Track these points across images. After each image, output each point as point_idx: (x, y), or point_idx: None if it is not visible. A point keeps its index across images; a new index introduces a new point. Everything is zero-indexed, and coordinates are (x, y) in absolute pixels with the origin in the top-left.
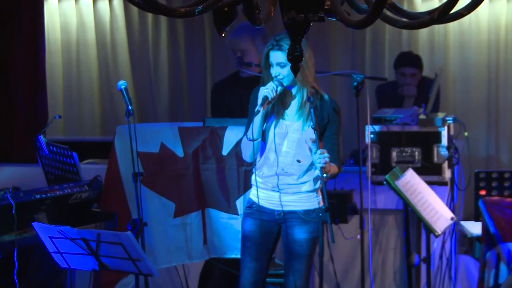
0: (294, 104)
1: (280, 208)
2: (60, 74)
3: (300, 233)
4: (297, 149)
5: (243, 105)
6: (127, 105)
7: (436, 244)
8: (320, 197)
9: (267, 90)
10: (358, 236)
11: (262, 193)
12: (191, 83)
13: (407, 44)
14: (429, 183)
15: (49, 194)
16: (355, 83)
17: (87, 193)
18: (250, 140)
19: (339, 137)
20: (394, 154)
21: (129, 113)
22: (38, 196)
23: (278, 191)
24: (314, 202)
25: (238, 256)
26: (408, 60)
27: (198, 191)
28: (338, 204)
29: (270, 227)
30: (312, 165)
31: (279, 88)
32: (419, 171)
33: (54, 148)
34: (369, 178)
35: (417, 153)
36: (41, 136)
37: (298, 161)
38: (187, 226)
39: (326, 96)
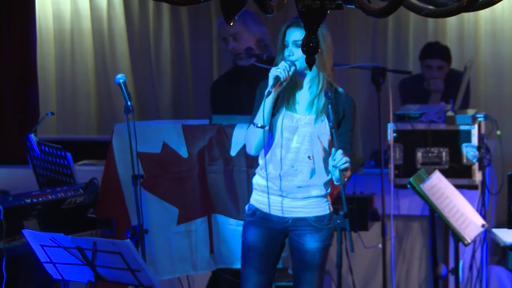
0: (307, 95)
1: (288, 215)
2: (53, 67)
3: (312, 242)
4: (308, 145)
5: (249, 102)
6: (126, 101)
7: (465, 254)
8: (330, 202)
9: (279, 70)
10: (380, 245)
11: (266, 199)
12: (196, 77)
13: (433, 34)
14: (458, 186)
15: (40, 199)
16: (376, 77)
17: (82, 198)
18: (257, 127)
19: (353, 134)
20: (419, 154)
21: (128, 109)
22: (28, 201)
23: (285, 196)
24: (325, 207)
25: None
26: (435, 52)
27: (204, 195)
28: (357, 210)
29: (277, 236)
30: (324, 165)
31: (292, 68)
32: (447, 174)
33: (46, 148)
34: (391, 181)
35: (444, 154)
36: (32, 135)
37: (309, 157)
38: (192, 234)
39: (341, 89)
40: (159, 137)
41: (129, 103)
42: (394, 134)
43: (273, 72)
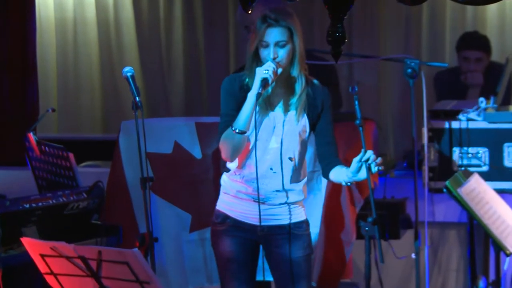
0: (284, 91)
1: (263, 223)
2: (54, 59)
3: (294, 251)
4: (288, 144)
5: None
6: (134, 96)
7: (507, 265)
8: (303, 209)
9: (266, 72)
10: (413, 255)
11: (238, 204)
12: (211, 70)
13: (472, 23)
14: (499, 191)
15: (40, 203)
16: (409, 70)
17: (86, 202)
18: (237, 132)
19: (332, 121)
20: (456, 155)
21: (137, 105)
22: (27, 206)
23: (259, 201)
24: (301, 213)
25: (268, 278)
26: (473, 42)
27: None
28: (388, 216)
29: (252, 246)
30: (302, 167)
31: (280, 70)
32: (487, 177)
33: (47, 148)
34: (425, 185)
35: (484, 155)
36: (31, 134)
37: (290, 159)
38: (206, 242)
39: (316, 81)
40: (171, 136)
41: (137, 98)
42: (429, 133)
43: (261, 73)
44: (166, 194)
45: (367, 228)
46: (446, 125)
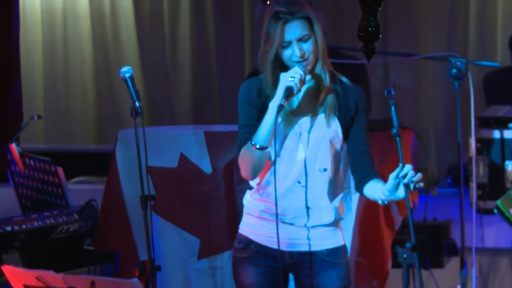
0: (309, 93)
1: (292, 249)
2: (40, 57)
3: (329, 282)
4: (318, 153)
5: None
6: (134, 101)
7: None
8: (341, 232)
9: (292, 79)
10: (459, 286)
11: (263, 227)
12: (223, 71)
13: None
14: None
15: (24, 226)
16: (454, 71)
17: (77, 225)
18: (257, 148)
19: (367, 127)
20: (509, 170)
21: (136, 111)
22: (8, 228)
23: (289, 223)
24: (338, 237)
25: None
26: None
27: (232, 222)
28: (429, 241)
29: (280, 275)
30: (338, 180)
31: (308, 77)
32: None
33: (31, 161)
34: (473, 205)
35: None
36: (14, 144)
37: (324, 169)
38: (217, 271)
39: (345, 79)
40: (176, 147)
41: (137, 103)
42: (478, 144)
43: (285, 80)
44: (170, 215)
45: (405, 255)
46: (498, 134)
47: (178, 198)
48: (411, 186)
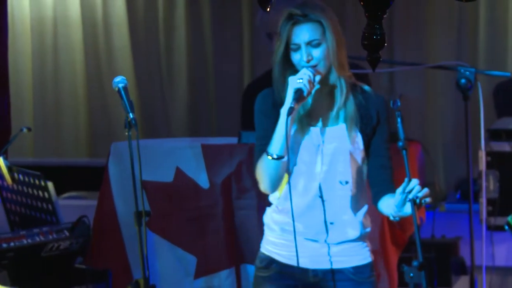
0: (327, 103)
1: (316, 267)
2: (29, 68)
3: None
4: (339, 165)
5: None
6: (127, 112)
7: None
8: (370, 246)
9: (301, 81)
10: None
11: (285, 245)
12: (221, 80)
13: None
14: None
15: (12, 243)
16: (462, 81)
17: (68, 242)
18: (274, 158)
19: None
20: None
21: (130, 123)
22: None
23: (312, 240)
24: (366, 254)
25: None
26: None
27: (230, 239)
28: (437, 259)
29: None
30: (361, 193)
31: (318, 78)
32: None
33: (20, 175)
34: (483, 221)
35: None
36: (2, 158)
37: (345, 182)
38: None
39: (367, 87)
40: (171, 161)
41: (131, 115)
42: (488, 158)
43: (293, 83)
44: (165, 232)
45: (411, 274)
46: (509, 147)
47: (174, 215)
48: (417, 201)
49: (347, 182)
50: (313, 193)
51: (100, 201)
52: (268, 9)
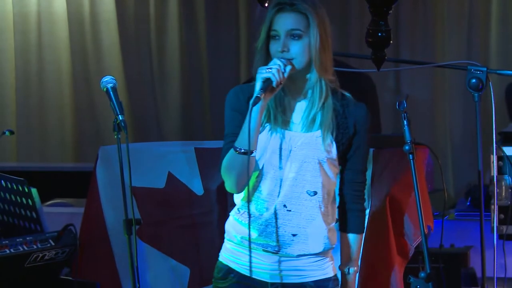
0: (303, 105)
1: (276, 280)
2: (12, 66)
3: None
4: (308, 174)
5: None
6: (116, 114)
7: None
8: (332, 262)
9: (270, 70)
10: None
11: (245, 255)
12: (216, 81)
13: None
14: None
15: None
16: (473, 81)
17: (54, 252)
18: (241, 152)
19: (367, 151)
20: None
21: (120, 126)
22: None
23: (273, 251)
24: (328, 268)
25: None
26: None
27: None
28: (446, 270)
29: None
30: (329, 205)
31: (288, 68)
32: None
33: (2, 181)
34: (495, 230)
35: None
36: None
37: (314, 192)
38: None
39: (348, 94)
40: (163, 165)
41: (120, 117)
42: (500, 163)
43: (262, 73)
44: (157, 241)
45: (418, 286)
46: None
47: (166, 223)
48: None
49: (315, 193)
50: (277, 200)
51: (88, 209)
52: (266, 5)
